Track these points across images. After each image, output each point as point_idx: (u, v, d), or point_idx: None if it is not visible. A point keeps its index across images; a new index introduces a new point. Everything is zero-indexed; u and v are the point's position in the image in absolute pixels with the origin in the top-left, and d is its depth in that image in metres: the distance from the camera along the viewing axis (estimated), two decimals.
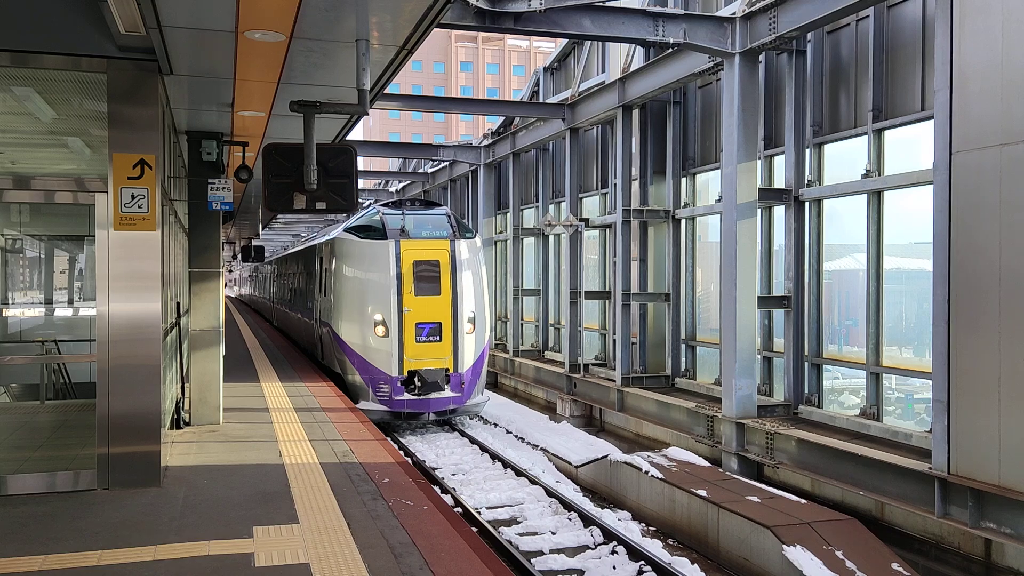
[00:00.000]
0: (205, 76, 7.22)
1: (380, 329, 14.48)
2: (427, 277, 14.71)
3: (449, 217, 15.77)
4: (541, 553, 9.03)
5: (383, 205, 16.16)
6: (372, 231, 15.22)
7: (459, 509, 10.31)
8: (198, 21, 5.69)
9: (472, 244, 15.44)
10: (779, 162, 12.61)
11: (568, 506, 10.56)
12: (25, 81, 7.18)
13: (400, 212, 15.49)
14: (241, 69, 6.79)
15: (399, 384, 14.47)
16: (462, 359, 14.78)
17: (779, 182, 12.55)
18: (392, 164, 36.04)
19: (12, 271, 13.82)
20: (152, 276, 6.90)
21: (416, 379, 14.49)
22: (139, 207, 6.79)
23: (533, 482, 11.71)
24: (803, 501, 9.34)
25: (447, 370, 14.66)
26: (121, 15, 5.51)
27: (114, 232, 6.77)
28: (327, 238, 17.41)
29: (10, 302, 13.50)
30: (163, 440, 7.26)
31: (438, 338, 14.60)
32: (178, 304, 9.61)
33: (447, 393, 14.62)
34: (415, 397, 14.45)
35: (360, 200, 28.03)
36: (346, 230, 15.77)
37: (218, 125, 9.32)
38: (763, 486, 10.06)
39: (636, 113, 15.55)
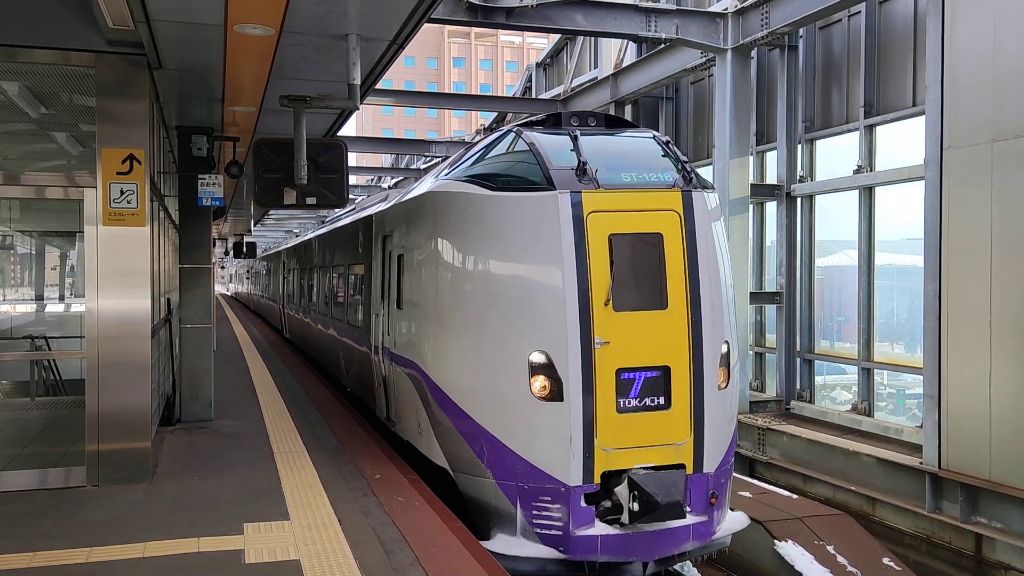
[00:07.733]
0: (195, 70, 7.20)
1: (540, 382, 6.43)
2: (640, 272, 6.64)
3: (664, 146, 7.25)
4: None
5: (522, 125, 7.63)
6: (513, 177, 6.89)
7: None
8: (187, 14, 5.66)
9: (712, 202, 7.08)
10: (771, 158, 12.62)
11: None
12: (13, 76, 7.13)
13: (569, 134, 7.02)
14: (231, 63, 6.75)
15: (583, 502, 6.36)
16: (710, 443, 6.67)
17: (771, 178, 12.57)
18: (385, 160, 35.98)
19: (2, 267, 13.76)
20: (141, 272, 6.87)
21: (629, 492, 6.30)
22: (128, 202, 6.75)
23: None
24: (795, 496, 9.35)
25: (684, 468, 6.57)
26: (109, 9, 5.48)
27: (103, 228, 6.73)
28: (411, 195, 8.46)
29: (0, 298, 13.43)
30: (153, 436, 7.23)
31: (663, 400, 6.56)
32: (168, 300, 9.57)
33: (687, 520, 6.49)
34: (621, 532, 6.36)
35: (352, 196, 27.72)
36: (458, 178, 7.24)
37: (208, 120, 9.28)
38: (755, 481, 10.07)
39: (628, 109, 15.53)
